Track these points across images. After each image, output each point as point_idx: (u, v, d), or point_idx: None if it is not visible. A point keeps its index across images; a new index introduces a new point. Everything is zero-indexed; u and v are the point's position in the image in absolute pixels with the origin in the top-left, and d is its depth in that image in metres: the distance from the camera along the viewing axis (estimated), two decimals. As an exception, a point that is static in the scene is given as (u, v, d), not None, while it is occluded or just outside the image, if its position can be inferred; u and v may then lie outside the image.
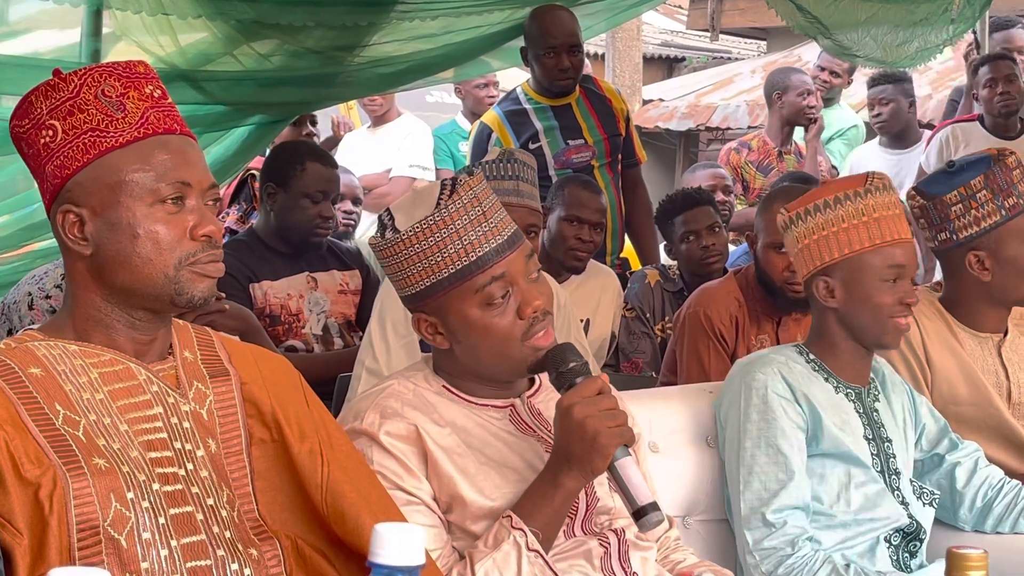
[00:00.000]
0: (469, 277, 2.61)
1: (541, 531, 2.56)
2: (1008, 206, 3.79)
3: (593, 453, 2.51)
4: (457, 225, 2.60)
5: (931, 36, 7.27)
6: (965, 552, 1.80)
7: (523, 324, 2.63)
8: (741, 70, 15.59)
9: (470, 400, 2.73)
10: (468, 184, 2.64)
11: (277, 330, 4.88)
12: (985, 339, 3.90)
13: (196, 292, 2.26)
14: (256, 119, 5.57)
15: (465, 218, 2.61)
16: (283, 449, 2.32)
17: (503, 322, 2.63)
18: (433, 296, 2.64)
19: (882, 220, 3.31)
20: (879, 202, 3.31)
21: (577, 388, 2.57)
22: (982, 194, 3.80)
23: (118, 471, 2.13)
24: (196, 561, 2.15)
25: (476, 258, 2.61)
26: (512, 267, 2.63)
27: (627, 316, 5.47)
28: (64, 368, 2.20)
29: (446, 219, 2.60)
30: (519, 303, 2.63)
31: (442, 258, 2.61)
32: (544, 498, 2.57)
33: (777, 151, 7.66)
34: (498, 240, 2.63)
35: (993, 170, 3.79)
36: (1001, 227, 3.80)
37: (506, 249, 2.63)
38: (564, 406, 2.56)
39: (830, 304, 3.35)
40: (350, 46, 5.74)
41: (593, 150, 6.01)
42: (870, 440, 3.37)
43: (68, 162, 2.23)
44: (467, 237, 2.61)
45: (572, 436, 2.53)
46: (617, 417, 2.54)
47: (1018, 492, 3.52)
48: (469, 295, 2.62)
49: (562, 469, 2.56)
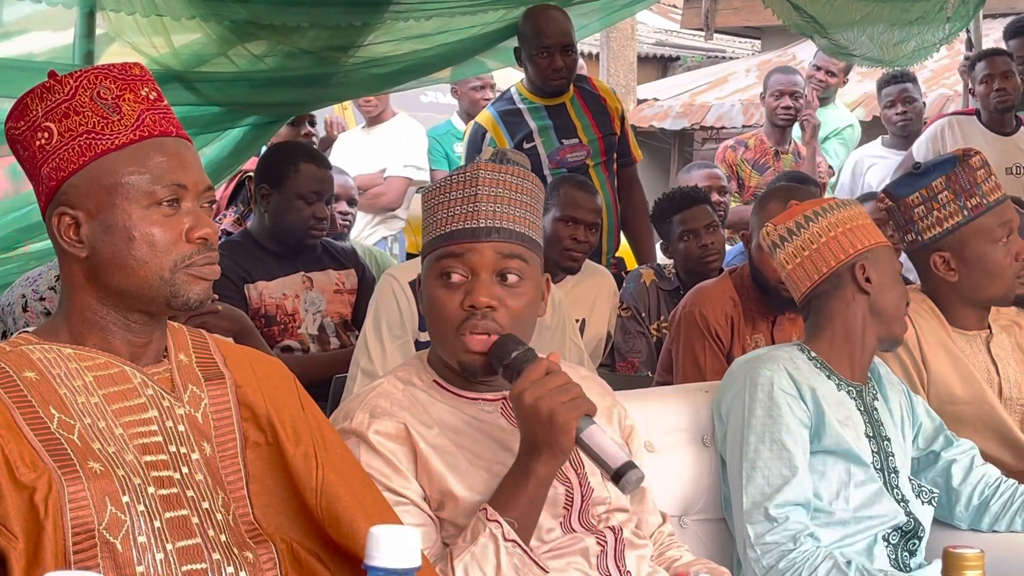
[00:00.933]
0: (439, 247, 2.67)
1: (517, 521, 2.54)
2: (970, 206, 3.80)
3: (555, 432, 2.50)
4: (453, 194, 2.68)
5: (927, 35, 7.27)
6: (961, 552, 1.81)
7: (461, 314, 2.64)
8: (735, 69, 15.60)
9: (461, 394, 2.73)
10: (487, 165, 2.70)
11: (273, 330, 4.88)
12: (973, 336, 3.91)
13: (192, 294, 2.26)
14: (251, 120, 5.56)
15: (461, 192, 2.68)
16: (278, 452, 2.31)
17: (445, 302, 2.65)
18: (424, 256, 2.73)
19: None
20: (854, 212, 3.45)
21: (524, 374, 2.55)
22: (944, 195, 3.82)
23: (113, 475, 2.12)
24: (191, 565, 2.15)
25: (451, 230, 2.66)
26: (476, 255, 2.64)
27: (623, 316, 5.47)
28: (59, 371, 2.19)
29: (446, 187, 2.70)
30: (466, 292, 2.64)
31: (431, 220, 2.71)
32: (517, 488, 2.56)
33: (774, 150, 7.66)
34: (475, 224, 2.65)
35: (956, 171, 3.81)
36: (964, 227, 3.82)
37: (480, 237, 2.65)
38: (515, 395, 2.54)
39: (868, 289, 3.38)
40: (344, 46, 5.73)
41: (588, 149, 6.01)
42: (871, 438, 3.38)
43: (64, 164, 2.23)
44: (454, 208, 2.67)
45: (531, 422, 2.52)
46: (569, 391, 2.51)
47: (1015, 491, 3.53)
48: (432, 263, 2.68)
49: (531, 456, 2.54)
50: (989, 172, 3.84)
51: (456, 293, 2.64)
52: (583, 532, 2.69)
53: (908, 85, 7.79)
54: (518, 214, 2.69)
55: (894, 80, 7.83)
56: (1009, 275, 3.84)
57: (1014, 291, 3.87)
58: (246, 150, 5.64)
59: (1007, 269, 3.83)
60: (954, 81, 11.77)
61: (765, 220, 4.33)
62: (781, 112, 7.63)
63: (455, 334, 2.64)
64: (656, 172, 14.25)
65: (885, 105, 7.89)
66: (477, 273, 2.64)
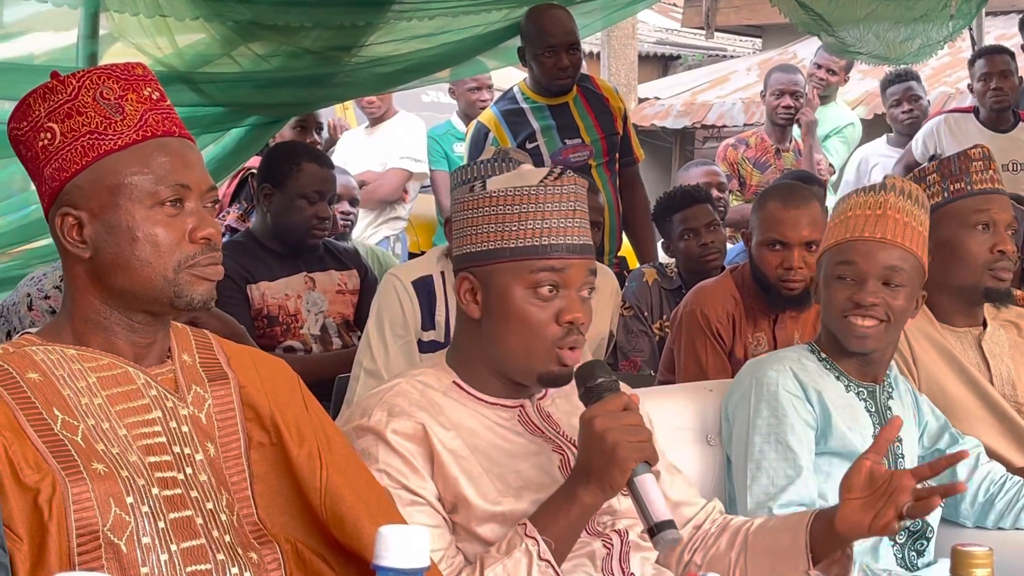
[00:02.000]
0: (531, 257, 2.63)
1: (555, 542, 2.55)
2: (952, 189, 3.81)
3: (612, 466, 2.50)
4: (547, 206, 2.63)
5: (932, 32, 7.26)
6: (970, 550, 1.80)
7: (558, 330, 2.64)
8: (736, 68, 15.60)
9: (480, 398, 2.72)
10: (574, 179, 2.67)
11: (275, 331, 4.88)
12: (964, 333, 3.90)
13: (196, 295, 2.26)
14: (253, 120, 5.56)
15: (558, 205, 2.64)
16: (282, 453, 2.31)
17: (540, 316, 2.64)
18: (489, 261, 2.66)
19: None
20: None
21: (602, 402, 2.56)
22: (932, 177, 3.84)
23: (117, 476, 2.12)
24: (196, 565, 2.15)
25: (547, 243, 2.63)
26: (572, 271, 2.65)
27: (625, 315, 5.46)
28: (62, 373, 2.19)
29: (541, 196, 2.64)
30: (562, 307, 2.64)
31: (518, 228, 2.63)
32: (560, 511, 2.56)
33: (775, 148, 7.66)
34: (573, 240, 2.65)
35: (952, 157, 3.82)
36: (942, 208, 3.82)
37: (576, 252, 2.65)
38: (587, 418, 2.55)
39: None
40: (347, 46, 5.73)
41: (590, 149, 6.01)
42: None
43: (67, 165, 2.23)
44: (550, 221, 2.63)
45: (592, 448, 2.52)
46: (640, 433, 2.53)
47: (1020, 488, 3.52)
48: (522, 274, 2.63)
49: (581, 483, 2.55)
50: (988, 166, 3.83)
51: (549, 306, 2.64)
52: (589, 537, 2.69)
53: (912, 83, 7.80)
54: (590, 228, 2.72)
55: (898, 79, 7.83)
56: (978, 264, 3.82)
57: (983, 283, 3.84)
58: (247, 149, 5.64)
59: (977, 258, 3.82)
60: (956, 79, 11.77)
61: (765, 219, 4.36)
62: (782, 111, 7.63)
63: (550, 347, 2.64)
64: (657, 171, 14.25)
65: (890, 104, 7.89)
66: (569, 288, 2.65)
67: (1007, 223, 3.84)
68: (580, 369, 2.64)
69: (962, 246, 3.82)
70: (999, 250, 3.81)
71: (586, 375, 2.62)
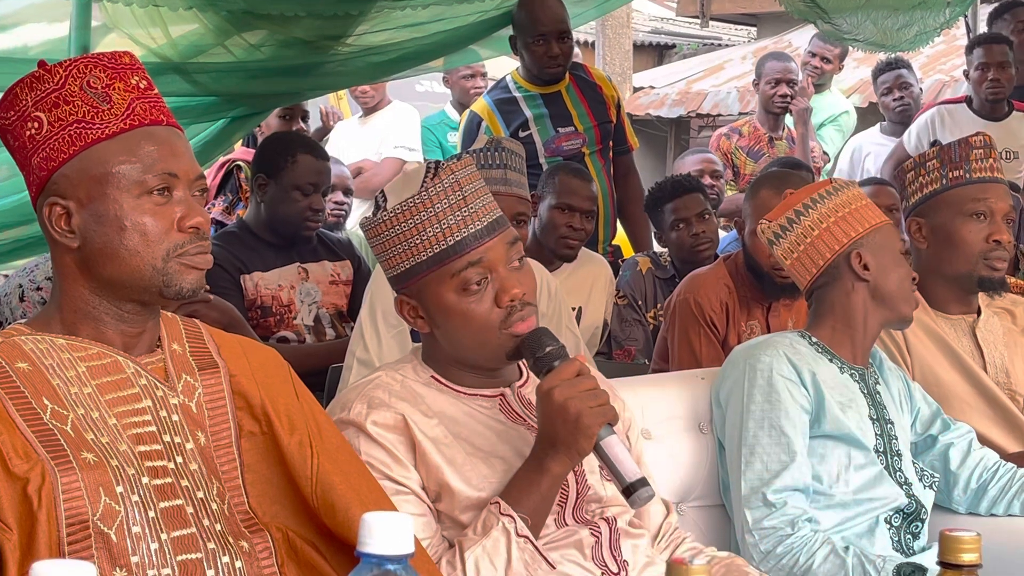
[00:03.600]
0: (446, 262, 2.61)
1: (529, 517, 2.55)
2: (951, 177, 3.82)
3: (577, 434, 2.51)
4: (437, 208, 2.61)
5: (929, 19, 7.24)
6: (958, 535, 1.80)
7: (501, 312, 2.62)
8: (731, 56, 15.59)
9: (459, 390, 2.73)
10: (450, 168, 2.65)
11: (268, 321, 4.88)
12: (957, 320, 3.91)
13: (185, 283, 2.25)
14: (238, 110, 5.55)
15: (445, 202, 2.61)
16: (273, 441, 2.31)
17: (480, 308, 2.62)
18: (413, 279, 2.65)
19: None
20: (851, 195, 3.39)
21: (556, 371, 2.56)
22: (931, 163, 3.85)
23: (107, 465, 2.12)
24: (186, 554, 2.14)
25: (453, 243, 2.61)
26: (491, 254, 2.63)
27: (619, 304, 5.46)
28: (51, 362, 2.19)
29: (426, 201, 2.61)
30: (497, 290, 2.63)
31: (421, 240, 2.61)
32: (531, 484, 2.57)
33: (768, 137, 7.66)
34: (477, 226, 2.63)
35: (953, 144, 3.82)
36: (939, 195, 3.84)
37: (485, 235, 2.63)
38: (544, 390, 2.55)
39: (865, 276, 3.36)
40: (340, 35, 5.73)
41: (583, 137, 6.01)
42: (874, 420, 3.37)
43: (54, 154, 2.22)
44: (446, 221, 2.61)
45: (555, 419, 2.53)
46: (598, 396, 2.53)
47: (1013, 474, 3.53)
48: (446, 279, 2.62)
49: (547, 454, 2.56)
50: (988, 154, 3.83)
51: (485, 296, 2.63)
52: (576, 526, 2.69)
53: (903, 71, 7.78)
54: (491, 199, 2.69)
55: (889, 67, 7.82)
56: (973, 253, 3.83)
57: (977, 272, 3.85)
58: (228, 139, 5.64)
59: (972, 247, 3.82)
60: (950, 67, 11.77)
61: (758, 206, 4.36)
62: (777, 100, 7.63)
63: (499, 333, 2.63)
64: (653, 160, 14.26)
65: (882, 92, 7.88)
66: (494, 269, 2.63)
67: (1004, 212, 3.83)
68: (527, 339, 2.63)
69: (957, 234, 3.83)
70: (994, 239, 3.81)
71: (533, 345, 2.61)
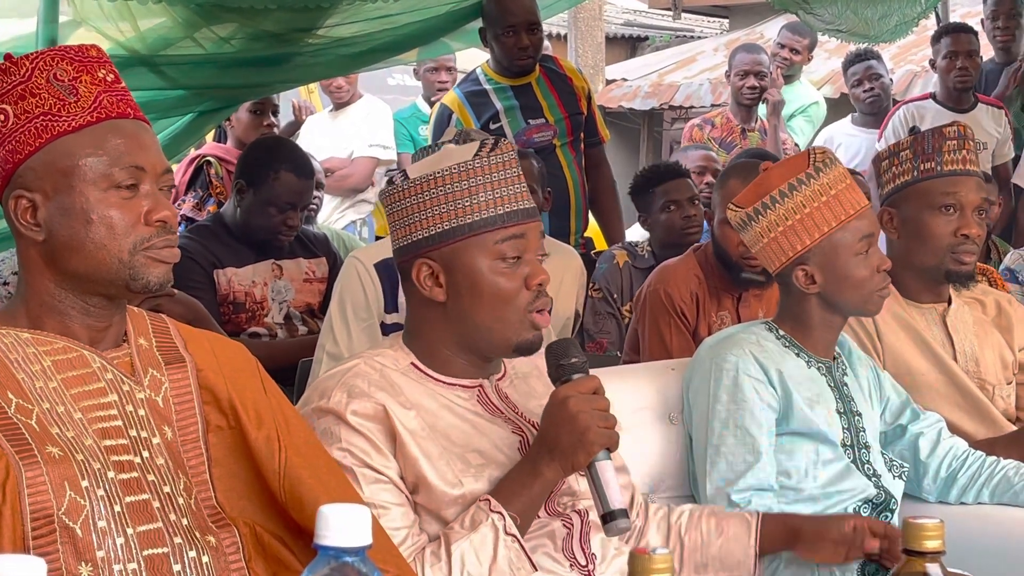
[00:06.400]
0: (492, 229, 2.63)
1: (518, 517, 2.57)
2: (923, 169, 3.82)
3: (579, 447, 2.53)
4: (493, 177, 2.64)
5: (907, 9, 7.26)
6: (921, 522, 1.81)
7: (528, 294, 2.65)
8: (704, 48, 15.59)
9: (438, 379, 2.72)
10: (509, 146, 2.68)
11: (240, 317, 4.86)
12: (928, 309, 3.91)
13: (152, 277, 2.24)
14: (205, 105, 5.53)
15: (502, 173, 2.65)
16: (240, 436, 2.30)
17: (509, 284, 2.64)
18: (447, 242, 2.64)
19: (840, 195, 3.30)
20: (832, 178, 3.30)
21: (575, 382, 2.59)
22: (905, 153, 3.85)
23: (72, 459, 2.11)
24: (153, 549, 2.14)
25: (504, 212, 2.63)
26: (530, 235, 2.66)
27: (593, 296, 5.46)
28: (16, 356, 2.17)
29: (484, 167, 2.63)
30: (528, 272, 2.65)
31: (470, 203, 2.62)
32: (523, 486, 2.59)
33: (740, 128, 7.66)
34: (525, 205, 2.66)
35: (926, 134, 3.82)
36: (909, 187, 3.84)
37: (529, 217, 2.67)
38: (560, 397, 2.57)
39: (811, 291, 3.34)
40: (310, 28, 5.71)
41: (554, 129, 6.01)
42: (841, 414, 3.37)
43: (20, 147, 2.21)
44: (499, 191, 2.64)
45: (562, 427, 2.55)
46: (608, 419, 2.56)
47: (982, 463, 3.54)
48: (487, 246, 2.63)
49: (543, 458, 2.58)
50: (962, 145, 3.82)
51: (516, 273, 2.65)
52: (549, 517, 2.70)
53: (873, 62, 7.81)
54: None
55: (859, 58, 7.85)
56: (941, 247, 3.82)
57: (945, 265, 3.84)
58: (195, 133, 5.62)
59: (940, 240, 3.82)
60: (921, 57, 11.79)
61: (726, 197, 4.34)
62: (747, 92, 7.64)
63: (523, 314, 2.65)
64: (625, 152, 14.26)
65: (852, 84, 7.91)
66: (530, 252, 2.67)
67: (975, 205, 3.82)
68: (553, 346, 2.65)
69: (926, 227, 3.83)
70: (963, 234, 3.81)
71: (560, 353, 2.64)
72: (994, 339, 3.95)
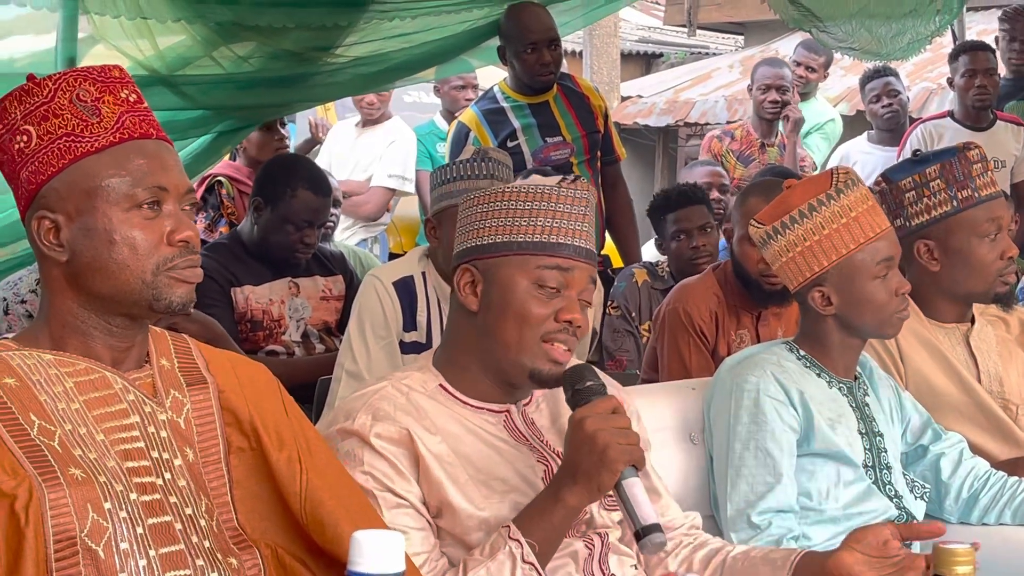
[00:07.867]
0: (539, 253, 2.65)
1: (539, 545, 2.54)
2: (961, 198, 3.79)
3: (601, 467, 2.50)
4: (559, 207, 2.66)
5: (920, 27, 7.25)
6: (952, 547, 1.79)
7: (554, 325, 2.64)
8: (719, 65, 15.59)
9: (465, 402, 2.72)
10: (586, 186, 2.71)
11: (258, 335, 4.86)
12: (952, 329, 3.89)
13: (175, 297, 2.24)
14: (225, 124, 5.53)
15: (570, 207, 2.67)
16: (261, 457, 2.29)
17: (538, 310, 2.65)
18: (495, 254, 2.67)
19: (860, 217, 3.28)
20: (853, 200, 3.28)
21: (591, 404, 2.58)
22: (936, 183, 3.80)
23: (95, 481, 2.10)
24: (175, 571, 2.13)
25: (556, 242, 2.65)
26: (577, 273, 2.67)
27: (612, 314, 5.46)
28: (39, 378, 2.17)
29: (555, 196, 2.66)
30: (562, 306, 2.65)
31: (529, 224, 2.65)
32: (544, 513, 2.56)
33: (760, 142, 7.65)
34: (581, 243, 2.68)
35: (952, 161, 3.79)
36: (951, 218, 3.80)
37: (582, 256, 2.68)
38: (576, 419, 2.55)
39: (828, 312, 3.33)
40: (328, 47, 5.72)
41: (571, 147, 6.02)
42: (863, 434, 3.36)
43: (43, 168, 2.21)
44: (560, 222, 2.66)
45: (582, 449, 2.52)
46: (629, 436, 2.54)
47: (1004, 483, 3.52)
48: (527, 268, 2.65)
49: (566, 484, 2.55)
50: (986, 167, 3.81)
51: (550, 303, 2.65)
52: (571, 538, 2.69)
53: (891, 79, 7.80)
54: (594, 237, 2.74)
55: (877, 75, 7.84)
56: (991, 272, 3.81)
57: (994, 289, 3.84)
58: (212, 154, 5.61)
59: (990, 266, 3.81)
60: (937, 75, 11.78)
61: (746, 214, 4.33)
62: (768, 106, 7.63)
63: (539, 341, 2.65)
64: (641, 169, 14.25)
65: (870, 100, 7.89)
66: (571, 289, 2.67)
67: (1008, 224, 3.84)
68: (568, 372, 2.64)
69: (975, 256, 3.80)
70: (1008, 256, 3.81)
71: (575, 378, 2.63)
72: (1018, 358, 3.94)
